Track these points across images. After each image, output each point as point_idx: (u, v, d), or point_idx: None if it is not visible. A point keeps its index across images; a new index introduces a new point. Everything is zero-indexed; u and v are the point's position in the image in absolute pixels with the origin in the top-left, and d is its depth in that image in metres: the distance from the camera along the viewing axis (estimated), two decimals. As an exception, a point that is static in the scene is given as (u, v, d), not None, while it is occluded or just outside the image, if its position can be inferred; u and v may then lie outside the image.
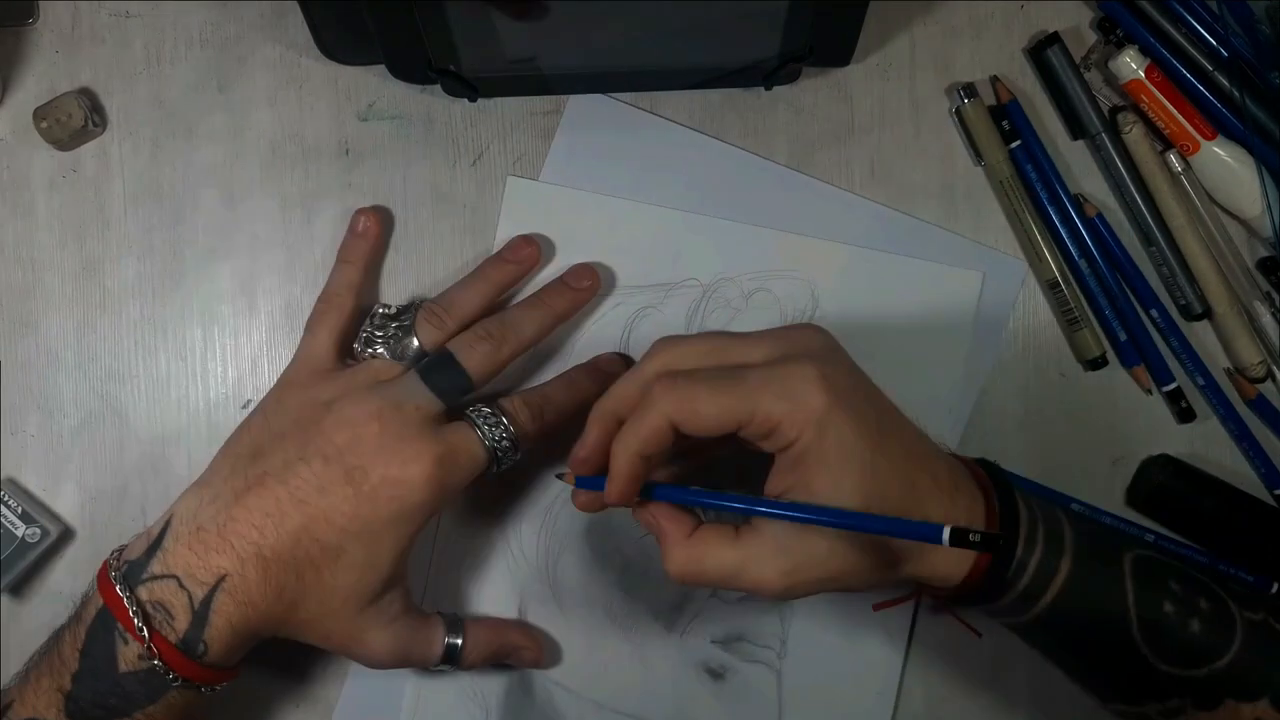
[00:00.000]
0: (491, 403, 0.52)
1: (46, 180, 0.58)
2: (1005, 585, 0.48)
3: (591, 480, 0.49)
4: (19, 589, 0.58)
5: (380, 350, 0.53)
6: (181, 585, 0.48)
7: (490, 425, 0.51)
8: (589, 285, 0.57)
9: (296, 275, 0.59)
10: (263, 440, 0.51)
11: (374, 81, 0.58)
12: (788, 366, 0.46)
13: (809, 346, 0.47)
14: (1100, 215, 0.58)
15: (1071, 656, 0.51)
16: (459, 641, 0.54)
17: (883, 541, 0.46)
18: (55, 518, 0.58)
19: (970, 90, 0.58)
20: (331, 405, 0.50)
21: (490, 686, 0.58)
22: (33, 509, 0.57)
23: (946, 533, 0.42)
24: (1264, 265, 0.59)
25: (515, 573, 0.58)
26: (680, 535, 0.47)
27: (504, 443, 0.51)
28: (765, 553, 0.46)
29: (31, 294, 0.58)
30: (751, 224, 0.58)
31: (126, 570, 0.49)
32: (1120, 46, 0.57)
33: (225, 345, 0.59)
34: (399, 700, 0.58)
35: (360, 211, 0.57)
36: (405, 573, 0.52)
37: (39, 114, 0.57)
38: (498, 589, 0.58)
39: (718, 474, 0.52)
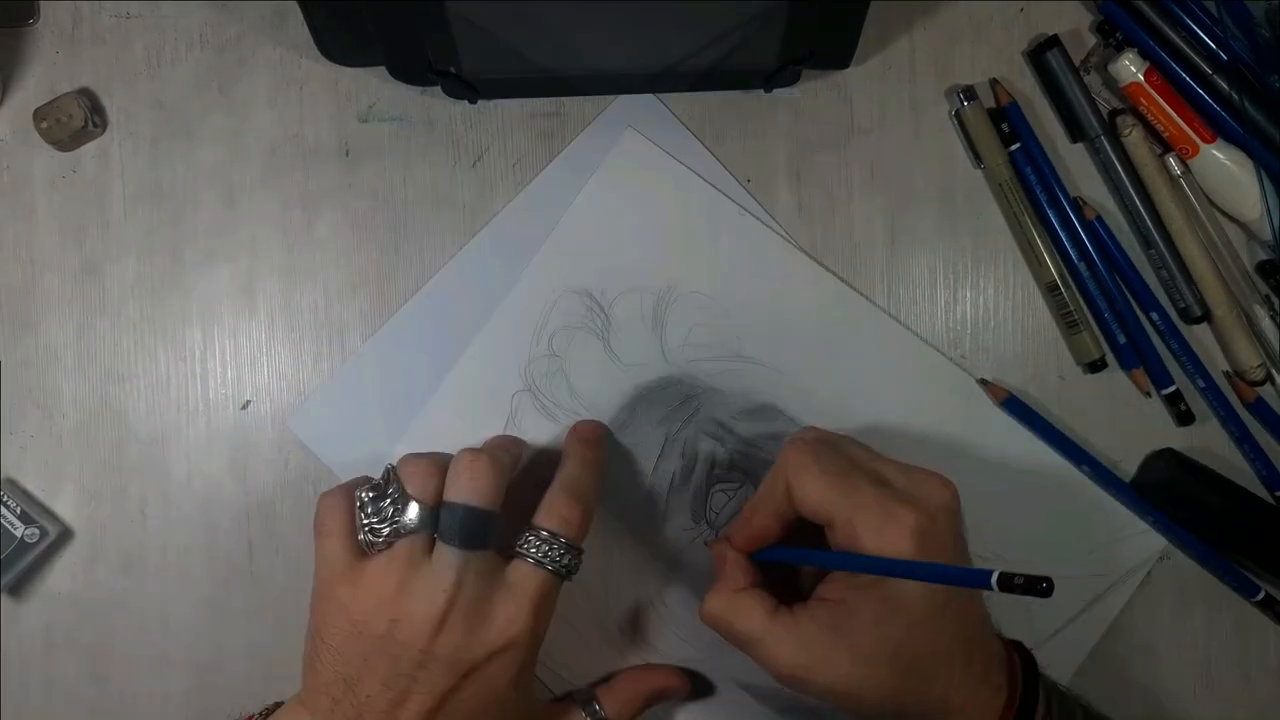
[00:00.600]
0: (531, 526, 0.51)
1: (46, 180, 0.58)
2: None
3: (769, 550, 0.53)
4: (18, 589, 0.58)
5: (386, 531, 0.50)
6: None
7: (544, 551, 0.51)
8: (596, 441, 0.57)
9: (296, 276, 0.59)
10: (347, 669, 0.49)
11: (374, 83, 0.58)
12: (895, 504, 0.47)
13: (929, 498, 0.49)
14: (1099, 218, 0.58)
15: None
16: (596, 707, 0.55)
17: (901, 687, 0.47)
18: (54, 518, 0.58)
19: (970, 93, 0.58)
20: (392, 615, 0.49)
21: None
22: (32, 509, 0.57)
23: (995, 576, 0.42)
24: (1263, 269, 0.59)
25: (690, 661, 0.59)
26: (729, 587, 0.51)
27: (565, 557, 0.51)
28: (789, 639, 0.48)
29: (31, 294, 0.58)
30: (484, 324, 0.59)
31: None
32: (1120, 49, 0.57)
33: (225, 346, 0.59)
34: None
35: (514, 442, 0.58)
36: (533, 692, 0.53)
37: (39, 114, 0.57)
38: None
39: None
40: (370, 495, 0.51)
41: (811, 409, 0.58)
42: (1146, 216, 0.58)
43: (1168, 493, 0.58)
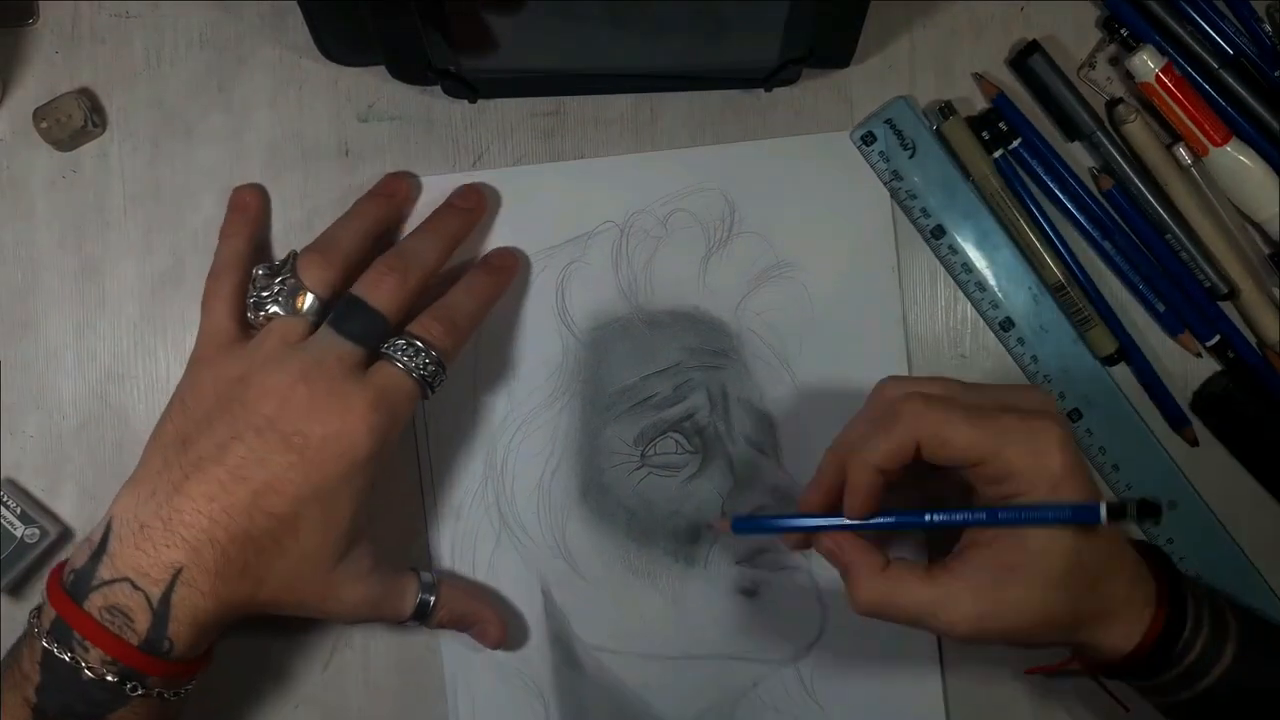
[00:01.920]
0: (403, 333, 0.52)
1: (46, 180, 0.58)
2: (1170, 660, 0.49)
3: (748, 522, 0.53)
4: (18, 589, 0.58)
5: (274, 309, 0.52)
6: (135, 586, 0.47)
7: (409, 355, 0.51)
8: (475, 205, 0.57)
9: (296, 276, 0.59)
10: (188, 428, 0.50)
11: (374, 82, 0.58)
12: (1036, 421, 0.47)
13: (1046, 406, 0.49)
14: (1116, 187, 0.58)
15: None
16: (431, 599, 0.54)
17: (1076, 604, 0.47)
18: (54, 518, 0.58)
19: (948, 109, 0.58)
20: (249, 377, 0.50)
21: (539, 671, 0.58)
22: (32, 509, 0.57)
23: (1103, 507, 0.44)
24: (1277, 259, 0.59)
25: (527, 555, 0.58)
26: (872, 569, 0.48)
27: (429, 366, 0.51)
28: (962, 594, 0.47)
29: (31, 294, 0.58)
30: (648, 151, 0.59)
31: (74, 580, 0.48)
32: (1128, 46, 0.57)
33: (225, 346, 0.59)
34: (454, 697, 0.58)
35: (238, 188, 0.57)
36: (368, 527, 0.52)
37: (39, 114, 0.57)
38: (516, 575, 0.58)
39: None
40: (264, 272, 0.53)
41: (798, 453, 0.58)
42: (1157, 204, 0.58)
43: (1223, 411, 0.58)
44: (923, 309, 0.59)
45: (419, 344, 0.51)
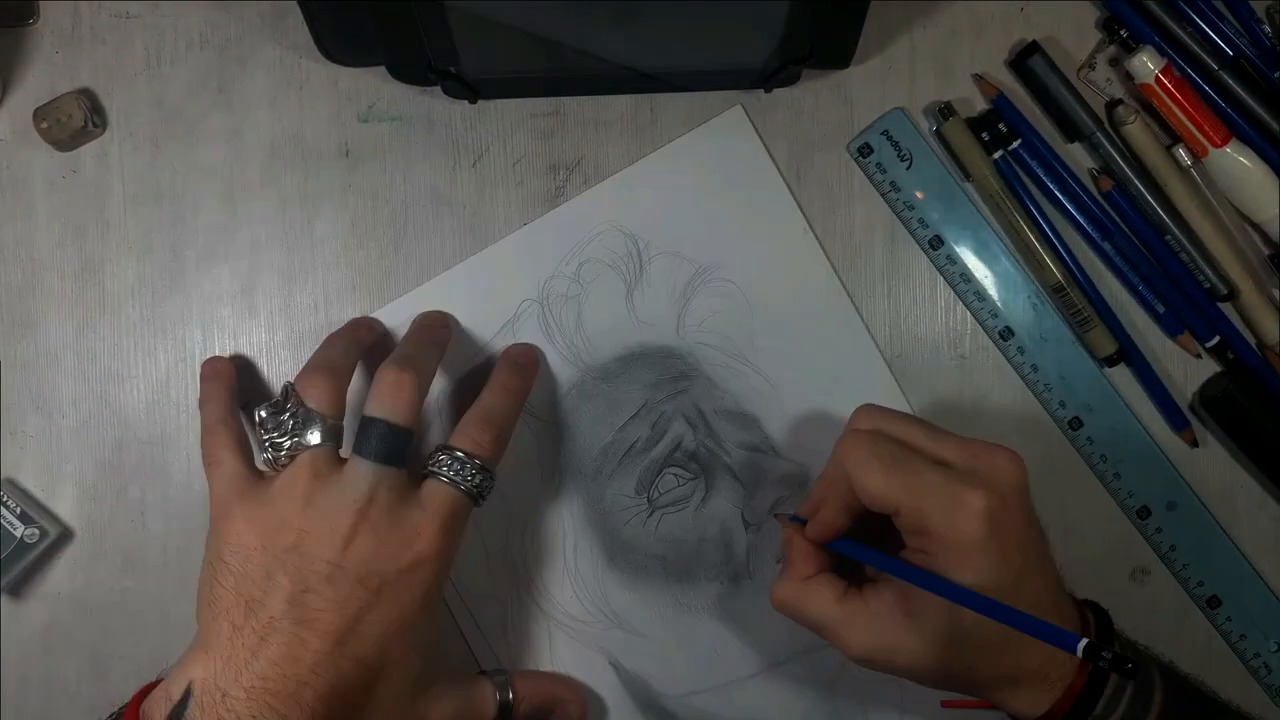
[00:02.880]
0: (445, 448, 0.51)
1: (46, 181, 0.58)
2: None
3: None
4: (18, 589, 0.58)
5: (287, 446, 0.49)
6: None
7: (455, 470, 0.50)
8: (442, 322, 0.57)
9: (296, 276, 0.59)
10: (247, 588, 0.47)
11: (374, 83, 0.58)
12: (962, 487, 0.47)
13: (997, 476, 0.48)
14: (1116, 188, 0.58)
15: None
16: (510, 696, 0.54)
17: (974, 667, 0.48)
18: (54, 518, 0.58)
19: (948, 110, 0.58)
20: (299, 525, 0.48)
21: None
22: (32, 509, 0.57)
23: (1082, 645, 0.43)
24: (1276, 260, 0.59)
25: (583, 638, 0.58)
26: (799, 574, 0.51)
27: (476, 478, 0.51)
28: (860, 623, 0.49)
29: (31, 294, 0.58)
30: (528, 222, 0.59)
31: None
32: (1126, 47, 0.57)
33: (225, 346, 0.59)
34: None
35: (207, 361, 0.57)
36: (440, 642, 0.53)
37: (39, 114, 0.57)
38: (580, 661, 0.58)
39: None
40: (268, 411, 0.50)
41: (792, 437, 0.58)
42: (1156, 205, 0.58)
43: (1226, 409, 0.58)
44: (922, 310, 0.59)
45: (459, 454, 0.51)
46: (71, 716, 0.58)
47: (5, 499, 0.57)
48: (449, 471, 0.50)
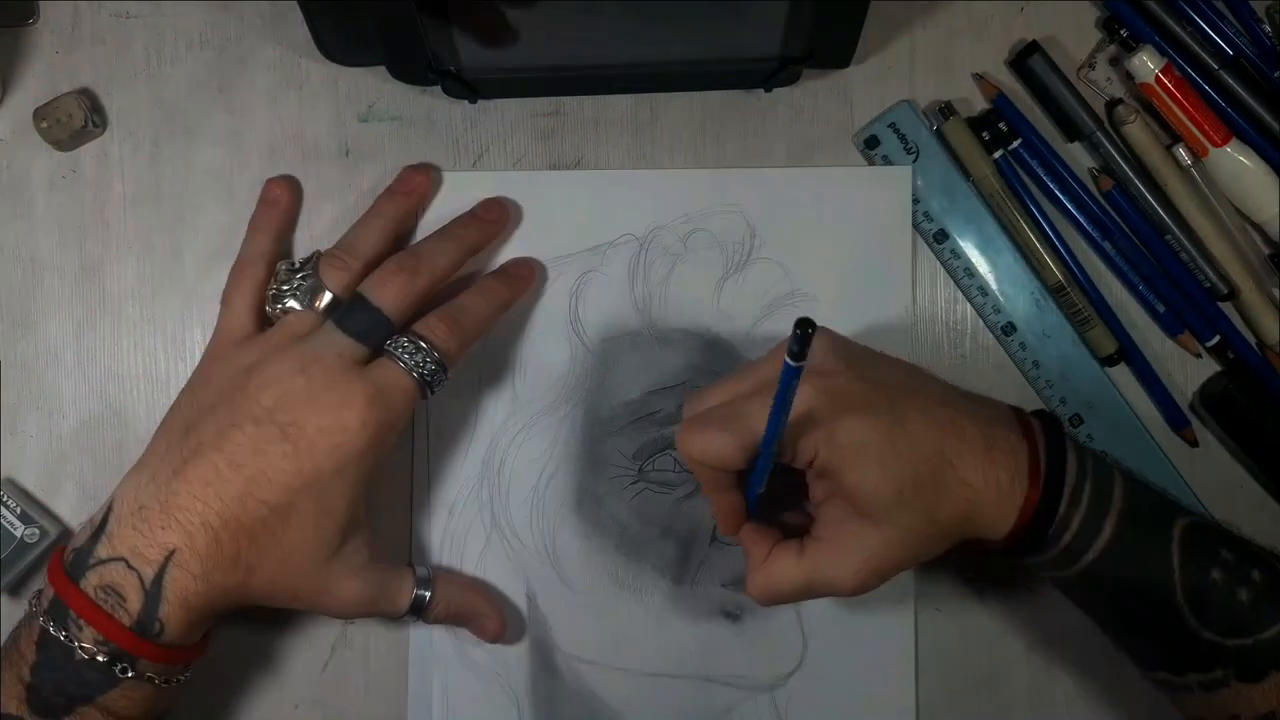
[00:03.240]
0: (407, 331, 0.52)
1: (46, 180, 0.58)
2: (1047, 541, 0.48)
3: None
4: (18, 589, 0.58)
5: (291, 303, 0.53)
6: (130, 566, 0.48)
7: (410, 353, 0.51)
8: (498, 218, 0.57)
9: (296, 276, 0.59)
10: (193, 415, 0.51)
11: (374, 83, 0.58)
12: (805, 386, 0.46)
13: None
14: (1116, 187, 0.58)
15: (1114, 618, 0.51)
16: (427, 594, 0.54)
17: (933, 512, 0.48)
18: (54, 518, 0.58)
19: (948, 109, 0.58)
20: (253, 368, 0.50)
21: (516, 675, 0.58)
22: (32, 509, 0.57)
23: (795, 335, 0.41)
24: (1276, 260, 0.59)
25: (516, 559, 0.58)
26: (759, 559, 0.50)
27: (429, 366, 0.51)
28: (830, 559, 0.48)
29: (31, 294, 0.58)
30: (677, 168, 0.59)
31: (73, 558, 0.49)
32: (1127, 46, 0.57)
33: (225, 346, 0.59)
34: (428, 696, 0.58)
35: (270, 181, 0.57)
36: (365, 521, 0.52)
37: (39, 114, 0.57)
38: (502, 577, 0.58)
39: None
40: (286, 267, 0.54)
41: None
42: (1157, 205, 0.58)
43: (1226, 409, 0.58)
44: (922, 309, 0.59)
45: (422, 343, 0.51)
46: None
47: (5, 499, 0.57)
48: (404, 355, 0.51)
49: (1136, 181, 0.58)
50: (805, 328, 0.39)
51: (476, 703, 0.58)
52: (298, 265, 0.54)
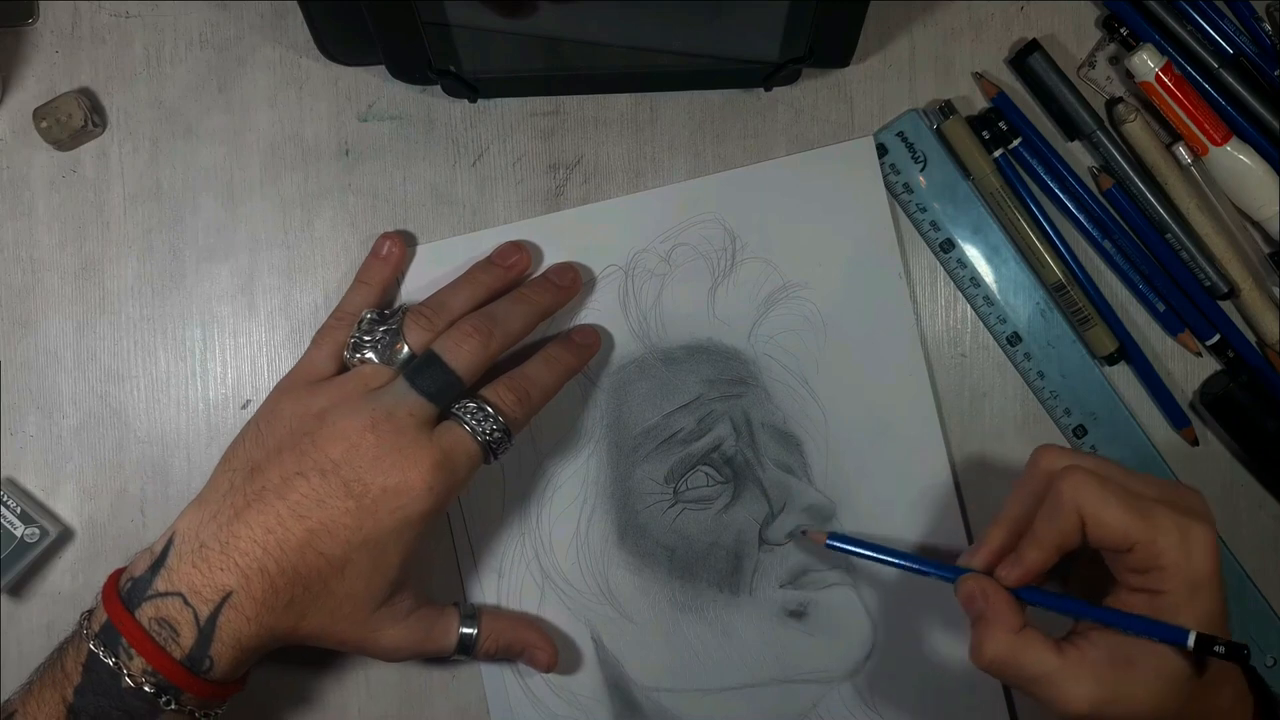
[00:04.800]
0: (475, 396, 0.52)
1: (46, 180, 0.58)
2: None
3: (843, 539, 0.54)
4: (18, 589, 0.58)
5: (369, 354, 0.53)
6: (186, 602, 0.48)
7: (478, 420, 0.51)
8: (570, 283, 0.57)
9: (296, 275, 0.59)
10: (259, 456, 0.51)
11: (374, 82, 0.58)
12: (1192, 521, 0.47)
13: (1203, 509, 0.48)
14: (1116, 186, 0.58)
15: None
16: (474, 631, 0.55)
17: (1180, 711, 0.47)
18: (54, 518, 0.58)
19: (949, 108, 0.58)
20: (324, 416, 0.50)
21: (598, 714, 0.58)
22: (32, 509, 0.57)
23: (1193, 637, 0.45)
24: (1276, 259, 0.59)
25: (573, 605, 0.58)
26: (1009, 626, 0.48)
27: (495, 434, 0.51)
28: (1085, 674, 0.47)
29: (31, 294, 0.58)
30: (640, 190, 0.59)
31: (131, 587, 0.49)
32: (1127, 45, 0.57)
33: (225, 345, 0.59)
34: None
35: (385, 236, 0.57)
36: (411, 575, 0.52)
37: (39, 114, 0.57)
38: (564, 626, 0.58)
39: None
40: (371, 317, 0.54)
41: (828, 470, 0.58)
42: (1157, 203, 0.58)
43: (1228, 408, 0.58)
44: (922, 308, 0.59)
45: (489, 409, 0.52)
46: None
47: (5, 499, 0.57)
48: (470, 418, 0.51)
49: (1136, 180, 0.58)
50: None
51: None
52: (383, 315, 0.54)
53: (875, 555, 0.53)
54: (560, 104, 0.59)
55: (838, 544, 0.54)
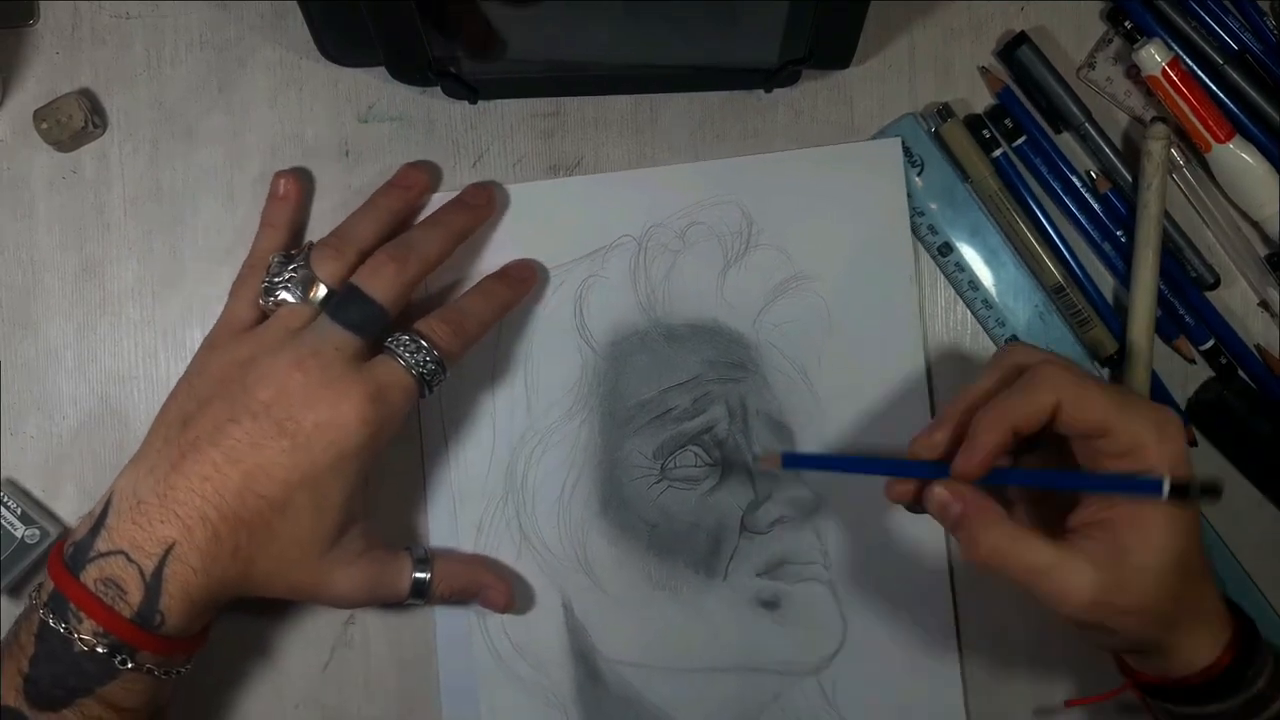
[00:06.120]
0: (408, 328, 0.52)
1: (46, 181, 0.58)
2: (1242, 682, 0.48)
3: (797, 458, 0.54)
4: (18, 590, 0.58)
5: (284, 295, 0.52)
6: (129, 559, 0.48)
7: (411, 351, 0.51)
8: (486, 202, 0.57)
9: (296, 276, 0.59)
10: (190, 407, 0.51)
11: (374, 83, 0.58)
12: (1163, 411, 0.47)
13: (1169, 410, 0.48)
14: (1113, 190, 0.58)
15: None
16: (427, 576, 0.54)
17: (1178, 599, 0.47)
18: (54, 519, 0.58)
19: (946, 111, 0.58)
20: (251, 362, 0.51)
21: (561, 686, 0.58)
22: (32, 510, 0.57)
23: (1167, 483, 0.45)
24: (1273, 260, 0.59)
25: (548, 569, 0.58)
26: (994, 518, 0.46)
27: (429, 365, 0.52)
28: (1082, 562, 0.45)
29: (31, 295, 0.58)
30: (666, 165, 0.59)
31: (73, 551, 0.49)
32: (1129, 39, 0.57)
33: (225, 346, 0.59)
34: (474, 710, 0.58)
35: (279, 174, 0.57)
36: (360, 512, 0.52)
37: (39, 115, 0.57)
38: (537, 589, 0.58)
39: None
40: (279, 259, 0.54)
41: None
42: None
43: (1219, 416, 0.58)
44: (923, 308, 0.59)
45: (422, 342, 0.52)
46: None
47: (5, 499, 0.57)
48: (404, 352, 0.51)
49: (1125, 172, 0.58)
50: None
51: (524, 716, 0.58)
52: (290, 256, 0.54)
53: (831, 466, 0.54)
54: (560, 105, 0.59)
55: (795, 465, 0.55)
